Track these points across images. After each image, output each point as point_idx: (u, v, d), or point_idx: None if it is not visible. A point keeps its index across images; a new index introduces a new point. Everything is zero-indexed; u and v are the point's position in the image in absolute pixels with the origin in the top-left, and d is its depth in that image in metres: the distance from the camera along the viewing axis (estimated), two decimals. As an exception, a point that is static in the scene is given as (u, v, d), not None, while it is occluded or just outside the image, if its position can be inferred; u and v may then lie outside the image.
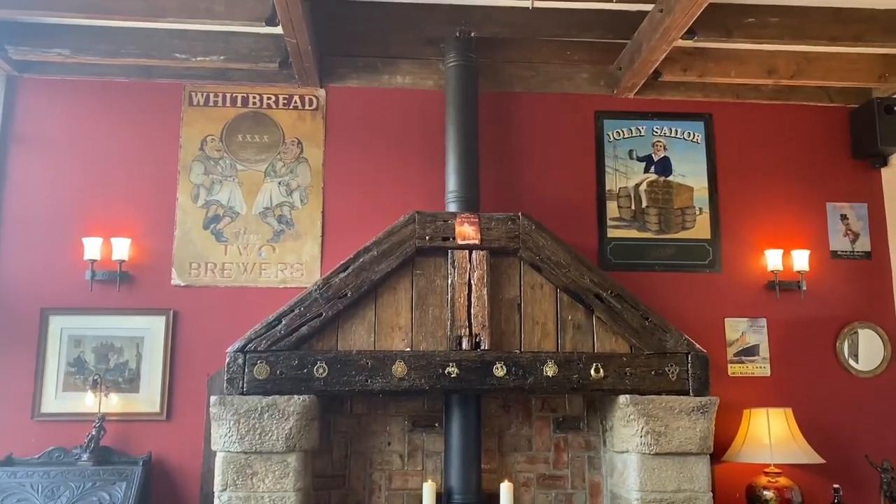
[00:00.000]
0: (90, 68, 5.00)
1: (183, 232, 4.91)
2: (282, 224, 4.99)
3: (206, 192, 4.99)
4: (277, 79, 5.11)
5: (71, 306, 4.76)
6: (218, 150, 5.04)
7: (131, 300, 4.81)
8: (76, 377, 4.70)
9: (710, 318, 5.04)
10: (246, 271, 4.91)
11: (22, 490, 4.28)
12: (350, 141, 5.15)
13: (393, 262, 4.35)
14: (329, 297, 4.28)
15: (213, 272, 4.89)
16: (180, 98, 5.09)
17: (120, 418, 4.65)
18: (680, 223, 5.18)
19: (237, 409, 4.06)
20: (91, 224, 4.82)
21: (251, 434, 4.05)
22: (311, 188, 5.06)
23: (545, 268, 4.38)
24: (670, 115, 5.32)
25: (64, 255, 4.80)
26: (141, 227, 4.89)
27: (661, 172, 5.24)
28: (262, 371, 4.15)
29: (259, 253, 4.94)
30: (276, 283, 4.91)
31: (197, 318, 4.82)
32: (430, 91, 5.17)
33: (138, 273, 4.84)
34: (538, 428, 4.70)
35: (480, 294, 4.32)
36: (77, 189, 4.91)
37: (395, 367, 4.19)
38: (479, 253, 4.37)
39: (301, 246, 4.97)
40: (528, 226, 4.41)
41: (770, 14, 4.57)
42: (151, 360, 4.75)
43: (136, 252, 4.82)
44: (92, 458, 4.43)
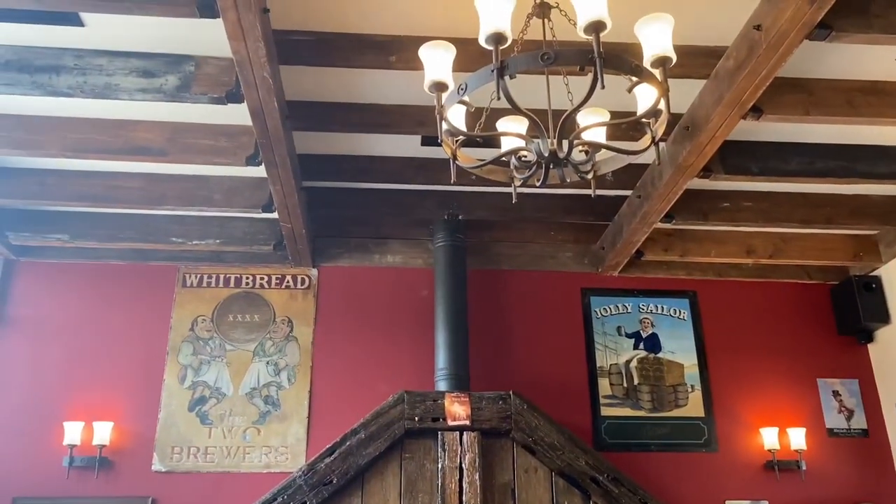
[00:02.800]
0: (88, 252, 5.12)
1: (167, 414, 4.81)
2: (268, 405, 4.90)
3: (194, 372, 4.94)
4: (271, 259, 5.24)
5: (45, 495, 4.54)
6: (208, 331, 5.06)
7: (109, 487, 4.60)
8: (41, 574, 4.40)
9: (711, 501, 4.86)
10: (230, 455, 4.76)
11: None
12: (340, 318, 5.18)
13: (381, 446, 4.23)
14: (314, 483, 4.12)
15: (195, 456, 4.73)
16: (174, 280, 5.17)
17: None
18: (673, 401, 5.12)
19: None
20: (73, 408, 4.72)
21: None
22: (299, 367, 5.02)
23: (539, 450, 4.27)
24: (655, 293, 5.43)
25: (42, 440, 4.65)
26: (125, 409, 4.79)
27: (650, 349, 5.26)
28: (241, 567, 3.91)
29: (244, 436, 4.81)
30: (260, 467, 4.74)
31: (176, 506, 4.60)
32: (420, 269, 5.29)
33: (118, 458, 4.67)
34: None
35: (472, 479, 4.17)
36: (62, 371, 4.86)
37: (383, 561, 3.95)
38: (471, 434, 4.27)
39: (287, 427, 4.85)
40: (519, 405, 4.35)
41: (743, 199, 4.80)
42: (124, 555, 4.47)
43: (117, 436, 4.69)
44: None
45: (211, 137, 3.99)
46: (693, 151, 3.83)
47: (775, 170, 4.22)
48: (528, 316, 5.29)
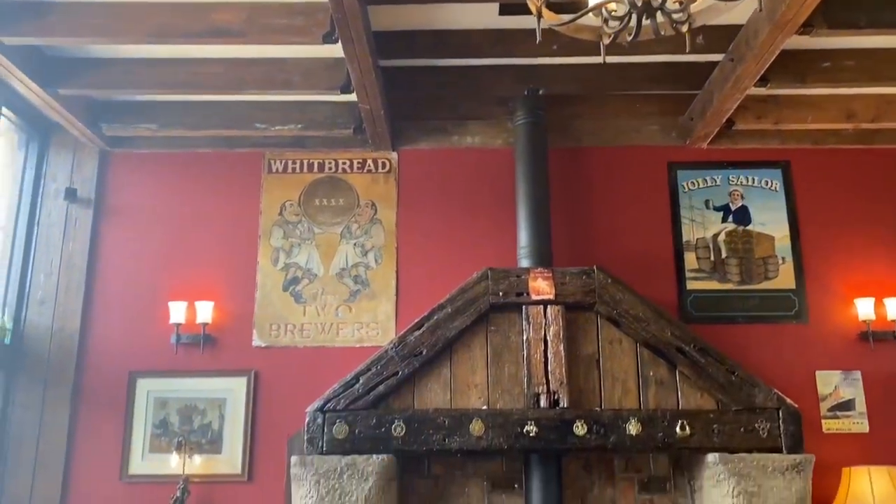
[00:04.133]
0: (177, 141, 5.28)
1: (263, 294, 5.05)
2: (357, 284, 5.08)
3: (286, 255, 5.13)
4: (352, 144, 5.27)
5: (157, 369, 4.91)
6: (296, 215, 5.20)
7: (214, 362, 4.93)
8: (161, 439, 4.82)
9: (800, 372, 4.82)
10: (324, 331, 4.99)
11: (110, 551, 4.36)
12: (422, 201, 5.23)
13: (467, 320, 4.34)
14: (405, 355, 4.30)
15: (292, 333, 4.99)
16: (260, 166, 5.30)
17: (203, 480, 4.72)
18: (762, 273, 5.02)
19: (317, 469, 4.07)
20: (176, 289, 5.01)
21: (331, 495, 4.05)
22: (384, 248, 5.14)
23: (624, 322, 4.30)
24: (746, 164, 5.22)
25: (151, 319, 4.98)
26: (224, 290, 5.05)
27: (739, 222, 5.12)
28: (340, 430, 4.17)
29: (336, 313, 5.02)
30: (353, 342, 4.97)
31: (277, 379, 4.91)
32: (500, 149, 5.24)
33: (221, 335, 4.98)
34: (622, 489, 4.53)
35: (557, 350, 4.26)
36: (163, 256, 5.13)
37: (473, 426, 4.14)
38: (555, 308, 4.33)
39: (376, 305, 5.03)
40: (603, 279, 4.35)
41: (846, 58, 4.48)
42: (233, 421, 4.83)
43: (218, 315, 4.97)
44: (176, 518, 4.49)
45: (287, 16, 3.96)
46: (793, 5, 3.55)
47: (886, 21, 3.89)
48: (611, 193, 5.21)
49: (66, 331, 4.96)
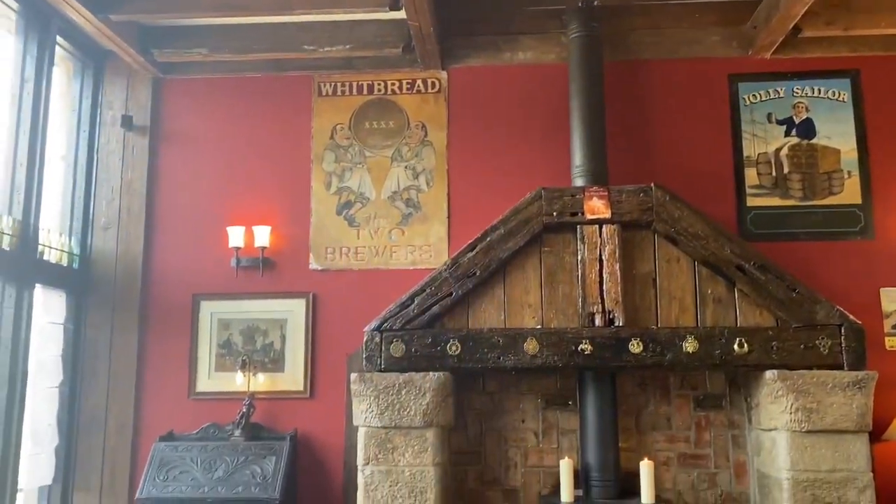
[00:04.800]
0: (226, 66, 5.27)
1: (318, 218, 5.11)
2: (409, 207, 5.08)
3: (338, 179, 5.15)
4: (401, 64, 5.19)
5: (219, 292, 5.06)
6: (347, 138, 5.20)
7: (273, 285, 5.05)
8: (226, 358, 5.00)
9: (864, 289, 4.70)
10: (378, 254, 5.05)
11: (183, 462, 4.61)
12: (472, 121, 5.16)
13: (520, 240, 4.33)
14: (458, 276, 4.32)
15: (347, 256, 5.06)
16: (310, 89, 5.27)
17: (267, 396, 4.91)
18: (826, 188, 4.85)
19: (376, 385, 4.19)
20: (234, 214, 5.10)
21: (390, 410, 4.17)
22: (435, 171, 5.11)
23: (682, 240, 4.22)
24: (812, 74, 4.98)
25: (211, 244, 5.10)
26: (279, 215, 5.12)
27: (803, 135, 4.92)
28: (397, 349, 4.26)
29: (389, 236, 5.06)
30: (407, 264, 5.01)
31: (334, 300, 5.01)
32: (553, 65, 5.09)
33: (279, 259, 5.08)
34: (677, 406, 4.55)
35: (613, 269, 4.23)
36: (219, 181, 5.21)
37: (527, 345, 4.18)
38: (610, 227, 4.27)
39: (428, 228, 5.05)
40: (661, 197, 4.26)
41: (926, -46, 4.18)
42: (294, 341, 4.98)
43: (275, 239, 5.06)
44: (243, 433, 4.70)
45: (333, -70, 3.86)
46: None
47: None
48: (669, 108, 5.04)
49: (130, 255, 5.12)
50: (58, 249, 4.86)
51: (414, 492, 4.11)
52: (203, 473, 4.54)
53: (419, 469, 4.14)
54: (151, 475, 4.54)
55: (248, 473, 4.52)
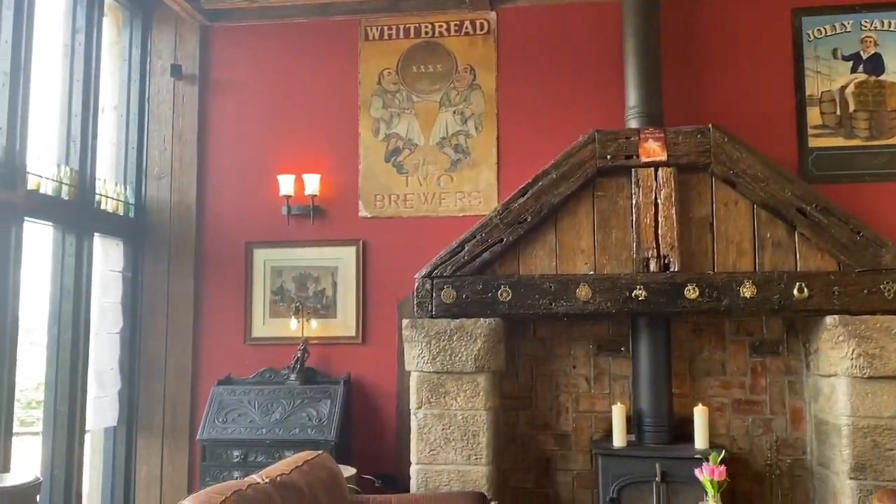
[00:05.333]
0: (272, 12, 5.22)
1: (366, 166, 5.09)
2: (458, 153, 5.03)
3: (386, 125, 5.11)
4: (448, 5, 5.07)
5: (271, 240, 5.12)
6: (394, 83, 5.13)
7: (324, 232, 5.08)
8: (280, 304, 5.08)
9: (932, 233, 4.52)
10: (426, 201, 5.02)
11: (241, 405, 4.74)
12: (522, 63, 5.04)
13: (573, 185, 4.25)
14: (509, 222, 4.28)
15: (396, 203, 5.05)
16: (356, 34, 5.20)
17: (320, 342, 4.99)
18: (894, 127, 4.63)
19: (428, 331, 4.21)
20: (284, 162, 5.11)
21: (442, 355, 4.20)
22: (484, 115, 5.03)
23: (740, 182, 4.10)
24: (882, 6, 4.71)
25: (262, 192, 5.14)
26: (328, 162, 5.12)
27: (871, 72, 4.68)
28: (448, 295, 4.27)
29: (438, 183, 5.02)
30: (455, 211, 4.98)
31: (383, 248, 5.03)
32: (606, 2, 4.91)
33: (329, 207, 5.10)
34: (732, 352, 4.49)
35: (668, 213, 4.13)
36: (268, 129, 5.22)
37: (580, 291, 4.14)
38: (666, 170, 4.16)
39: (478, 174, 4.99)
40: (719, 138, 4.12)
41: None
42: (345, 288, 5.03)
43: (325, 187, 5.07)
44: (299, 377, 4.80)
45: None
46: None
47: None
48: (727, 45, 4.84)
49: (184, 204, 5.20)
50: (114, 199, 4.95)
51: (466, 434, 4.16)
52: (261, 416, 4.67)
53: (471, 413, 4.18)
54: (211, 417, 4.69)
55: (304, 416, 4.63)
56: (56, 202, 4.35)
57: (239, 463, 4.55)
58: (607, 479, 4.19)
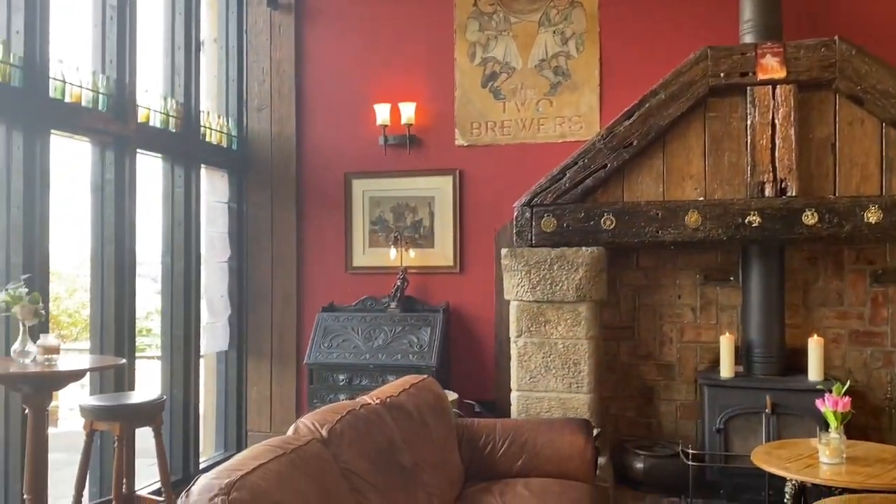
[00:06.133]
0: (365, -65, 5.11)
1: (462, 92, 4.99)
2: (558, 76, 4.85)
3: (482, 49, 4.97)
4: (547, -81, 4.82)
5: (369, 170, 5.13)
6: (491, 4, 4.96)
7: (420, 162, 5.06)
8: (379, 234, 5.14)
9: None
10: (524, 127, 4.90)
11: (345, 331, 4.86)
12: (626, -22, 4.76)
13: (682, 106, 4.04)
14: (613, 147, 4.12)
15: (493, 130, 4.95)
16: (451, -46, 5.04)
17: (418, 271, 5.03)
18: None
19: (527, 260, 4.16)
20: (380, 91, 5.07)
21: (542, 284, 4.15)
22: (586, 34, 4.81)
23: (868, 99, 3.79)
24: None
25: (359, 122, 5.14)
26: (424, 90, 5.05)
27: None
28: (548, 224, 4.19)
29: (536, 108, 4.88)
30: (555, 137, 4.84)
31: (480, 176, 4.96)
32: None
33: (425, 136, 5.05)
34: (851, 281, 4.24)
35: (786, 134, 3.88)
36: (364, 58, 5.17)
37: (688, 218, 3.98)
38: (785, 87, 3.89)
39: (578, 98, 4.81)
40: (846, 51, 3.80)
41: None
42: (442, 218, 5.01)
43: (421, 115, 5.01)
44: (399, 306, 4.88)
45: None
46: None
47: None
48: (855, -52, 4.41)
49: (284, 135, 5.26)
50: (217, 131, 5.06)
51: (567, 363, 4.14)
52: (363, 342, 4.78)
53: (572, 342, 4.14)
54: (317, 342, 4.84)
55: (406, 343, 4.71)
56: (164, 134, 4.47)
57: (344, 386, 4.70)
58: (714, 411, 4.10)
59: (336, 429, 2.41)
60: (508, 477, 3.29)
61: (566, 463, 3.33)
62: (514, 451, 3.37)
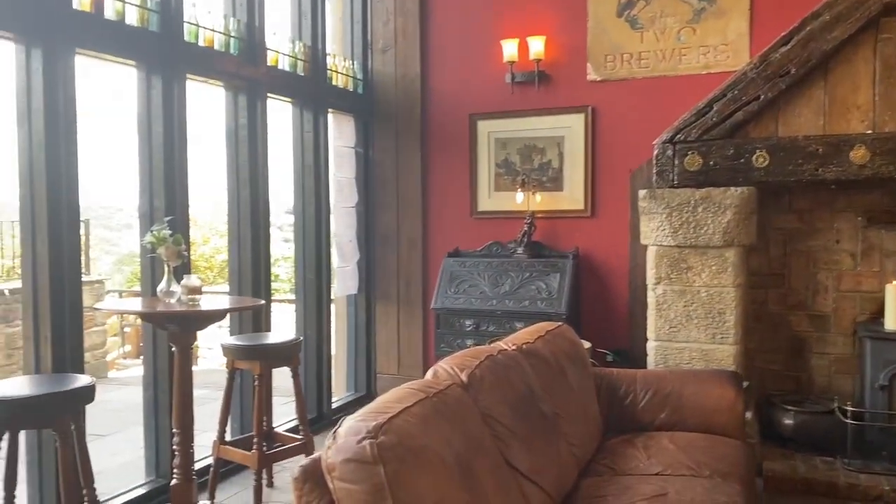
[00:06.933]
0: None
1: (595, 23, 4.68)
2: (702, 1, 4.45)
3: (617, -25, 4.64)
4: None
5: (494, 111, 4.95)
6: (627, -74, 4.59)
7: (549, 99, 4.82)
8: (505, 178, 4.97)
9: None
10: (664, 59, 4.55)
11: (471, 277, 4.78)
12: None
13: (850, 27, 3.59)
14: (768, 76, 3.73)
15: (628, 63, 4.63)
16: None
17: (546, 215, 4.85)
18: None
19: (668, 202, 3.88)
20: (506, 26, 4.85)
21: (684, 228, 3.87)
22: (734, -46, 4.37)
23: None
24: None
25: (485, 60, 4.95)
26: (554, 23, 4.78)
27: None
28: (693, 162, 3.88)
29: (678, 37, 4.51)
30: (698, 68, 4.47)
31: (614, 113, 4.68)
32: None
33: (554, 72, 4.80)
34: None
35: (979, 55, 3.37)
36: (490, -9, 4.95)
37: (854, 153, 3.57)
38: (980, 0, 3.37)
39: (725, 24, 4.40)
40: None
41: None
42: (573, 159, 4.78)
43: (550, 50, 4.76)
44: (526, 251, 4.73)
45: None
46: None
47: None
48: None
49: (408, 77, 5.15)
50: (343, 74, 5.01)
51: (711, 313, 3.87)
52: (490, 287, 4.68)
53: (717, 290, 3.86)
54: (443, 287, 4.78)
55: (534, 289, 4.57)
56: (292, 78, 4.46)
57: (471, 331, 4.63)
58: (876, 365, 3.73)
59: (476, 374, 2.32)
60: (650, 430, 3.12)
61: (713, 417, 3.12)
62: (656, 402, 3.19)
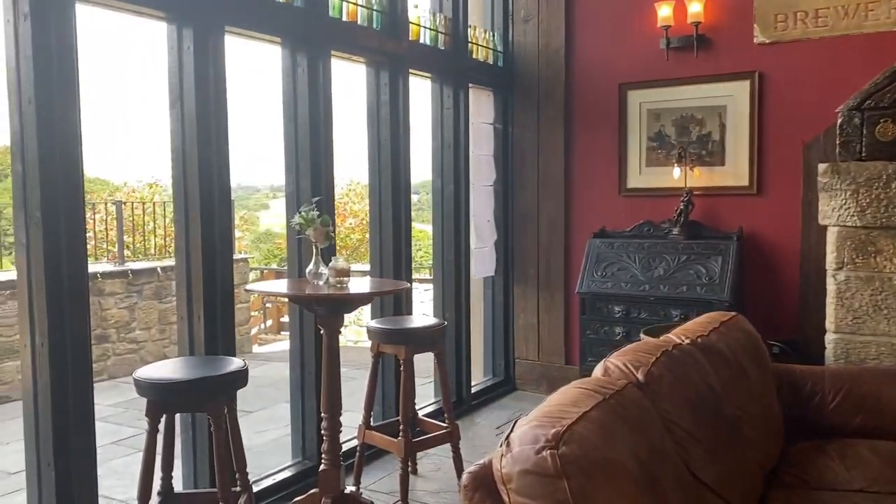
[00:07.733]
0: None
1: (765, -22, 4.22)
2: (895, -54, 3.89)
3: (791, -77, 4.13)
4: None
5: (647, 79, 4.59)
6: None
7: (710, 66, 4.40)
8: (658, 152, 4.61)
9: None
10: (847, 15, 4.02)
11: (620, 260, 4.47)
12: None
13: None
14: (984, 28, 3.18)
15: (803, 22, 4.13)
16: None
17: (704, 192, 4.45)
18: None
19: (854, 177, 3.41)
20: (661, -14, 4.46)
21: (874, 206, 3.39)
22: None
23: None
24: None
25: (636, 25, 4.59)
26: (716, -20, 4.35)
27: None
28: (886, 131, 3.39)
29: (865, -11, 3.98)
30: (890, 24, 3.92)
31: (786, 79, 4.21)
32: None
33: (716, 35, 4.37)
34: None
35: None
36: (642, -49, 4.56)
37: None
38: None
39: (924, -29, 3.83)
40: None
41: None
42: (736, 130, 4.35)
43: (712, 10, 4.34)
44: (682, 231, 4.36)
45: None
46: None
47: None
48: None
49: (552, 47, 4.87)
50: (483, 46, 4.80)
51: (905, 303, 3.39)
52: (642, 271, 4.36)
53: (914, 277, 3.37)
54: (589, 270, 4.50)
55: (692, 273, 4.21)
56: (433, 52, 4.30)
57: (620, 318, 4.34)
58: None
59: (653, 372, 2.06)
60: (842, 435, 2.74)
61: (920, 425, 2.70)
62: (849, 405, 2.80)
